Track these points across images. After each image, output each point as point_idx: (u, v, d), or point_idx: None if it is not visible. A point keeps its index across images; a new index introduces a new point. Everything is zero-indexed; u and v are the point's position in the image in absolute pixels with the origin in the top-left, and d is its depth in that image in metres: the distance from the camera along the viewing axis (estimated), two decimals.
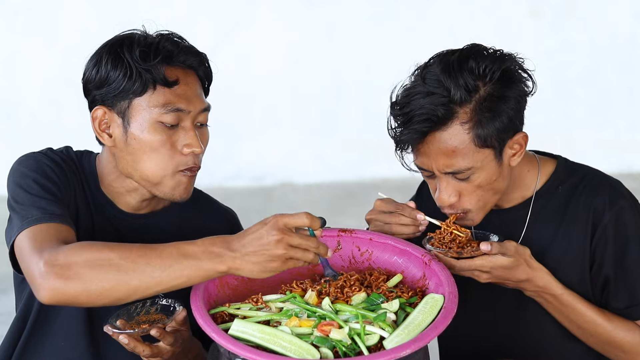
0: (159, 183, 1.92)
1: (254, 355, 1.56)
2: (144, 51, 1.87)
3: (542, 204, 2.04)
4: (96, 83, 1.91)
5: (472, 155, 1.89)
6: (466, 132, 1.87)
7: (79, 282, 1.65)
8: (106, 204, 2.00)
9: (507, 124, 1.89)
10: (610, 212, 1.97)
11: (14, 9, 5.76)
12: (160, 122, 1.88)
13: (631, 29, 6.17)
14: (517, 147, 1.94)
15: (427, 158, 1.92)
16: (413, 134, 1.89)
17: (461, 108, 1.87)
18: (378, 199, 2.04)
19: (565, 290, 1.98)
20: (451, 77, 1.86)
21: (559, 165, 2.07)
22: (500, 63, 1.89)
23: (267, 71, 6.04)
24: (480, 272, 1.91)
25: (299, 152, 6.02)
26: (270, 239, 1.62)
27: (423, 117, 1.87)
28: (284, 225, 1.63)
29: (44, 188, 1.86)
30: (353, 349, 1.63)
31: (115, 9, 5.68)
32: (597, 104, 6.22)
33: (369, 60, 6.09)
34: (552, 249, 2.03)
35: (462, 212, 1.96)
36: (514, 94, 1.89)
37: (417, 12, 6.02)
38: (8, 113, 5.89)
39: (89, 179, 2.00)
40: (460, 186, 1.93)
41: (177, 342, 1.83)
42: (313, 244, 1.65)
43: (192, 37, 2.01)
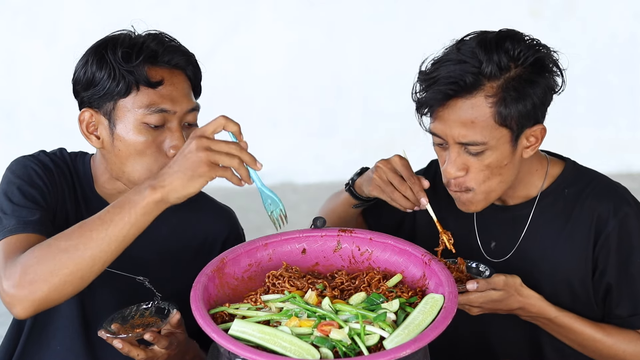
0: None
1: (254, 355, 1.56)
2: (127, 52, 1.87)
3: (547, 204, 2.04)
4: (83, 84, 1.91)
5: (489, 131, 1.88)
6: (489, 106, 1.87)
7: (40, 282, 1.67)
8: (100, 205, 1.99)
9: (530, 110, 1.89)
10: (614, 219, 1.96)
11: (14, 9, 5.75)
12: (145, 123, 1.87)
13: (631, 29, 6.16)
14: (532, 140, 1.94)
15: (445, 124, 1.91)
16: (437, 95, 1.89)
17: (489, 82, 1.87)
18: (397, 155, 2.04)
19: (560, 312, 1.97)
20: (486, 51, 1.87)
21: (566, 167, 2.07)
22: (536, 51, 1.90)
23: (267, 71, 6.04)
24: (470, 307, 1.91)
25: (299, 152, 6.01)
26: (190, 147, 1.64)
27: (450, 80, 1.87)
28: (201, 133, 1.65)
29: (27, 196, 1.86)
30: (353, 349, 1.63)
31: (115, 9, 5.68)
32: (597, 104, 6.21)
33: (369, 60, 6.08)
34: (553, 250, 2.02)
35: (465, 189, 1.94)
36: (543, 84, 1.89)
37: (417, 12, 6.01)
38: (8, 113, 5.89)
39: (83, 181, 2.00)
40: (470, 161, 1.92)
41: (172, 345, 1.83)
42: (234, 148, 1.65)
43: (192, 37, 2.01)
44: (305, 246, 1.97)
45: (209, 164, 1.63)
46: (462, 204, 1.99)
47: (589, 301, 2.02)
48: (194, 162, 1.63)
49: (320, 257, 1.96)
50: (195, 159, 1.63)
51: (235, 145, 1.67)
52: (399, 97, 6.08)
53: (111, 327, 1.79)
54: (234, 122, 1.69)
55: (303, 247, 1.96)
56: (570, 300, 2.02)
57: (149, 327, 1.81)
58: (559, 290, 2.02)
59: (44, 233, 1.81)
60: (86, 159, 2.03)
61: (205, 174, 1.63)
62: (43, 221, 1.84)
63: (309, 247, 1.97)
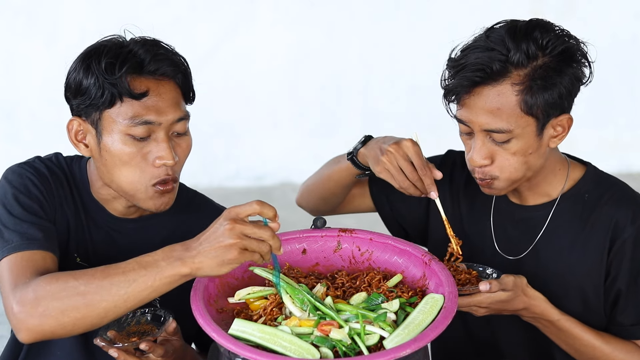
0: (133, 195, 1.90)
1: (254, 355, 1.56)
2: (111, 62, 1.83)
3: (566, 207, 2.03)
4: (72, 92, 1.89)
5: (515, 119, 1.88)
6: (515, 94, 1.87)
7: (50, 317, 1.66)
8: (97, 210, 1.99)
9: (557, 99, 1.88)
10: (632, 227, 1.96)
11: (14, 9, 5.75)
12: (130, 134, 1.85)
13: (632, 29, 6.16)
14: (559, 130, 1.94)
15: (470, 112, 1.91)
16: (463, 81, 1.89)
17: (516, 70, 1.87)
18: (410, 139, 2.01)
19: (563, 315, 1.97)
20: (515, 39, 1.87)
21: (587, 172, 2.06)
22: (564, 41, 1.90)
23: (267, 71, 6.04)
24: (478, 308, 1.91)
25: (299, 152, 6.01)
26: (223, 230, 1.62)
27: (477, 67, 1.87)
28: (235, 215, 1.63)
29: (27, 208, 1.85)
30: (353, 348, 1.63)
31: (115, 9, 5.67)
32: (597, 104, 6.21)
33: (369, 60, 6.08)
34: (567, 254, 2.01)
35: (490, 178, 1.94)
36: (570, 73, 1.89)
37: (417, 12, 6.01)
38: (8, 113, 5.88)
39: (80, 185, 1.99)
40: (495, 150, 1.92)
41: (168, 353, 1.82)
42: (267, 234, 1.64)
43: (192, 37, 2.00)
44: (306, 246, 1.97)
45: (240, 251, 1.62)
46: (485, 188, 1.99)
47: (598, 307, 2.01)
48: (226, 247, 1.62)
49: (320, 257, 1.96)
50: (226, 243, 1.62)
51: (267, 232, 1.64)
52: (399, 97, 6.10)
53: (107, 335, 1.79)
54: (269, 207, 1.66)
55: (303, 247, 1.96)
56: (581, 304, 2.01)
57: (145, 335, 1.80)
58: (570, 293, 2.02)
59: (49, 249, 1.80)
60: (82, 163, 2.02)
61: (235, 260, 1.63)
62: (47, 236, 1.83)
63: (309, 247, 1.97)
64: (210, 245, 1.63)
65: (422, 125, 6.04)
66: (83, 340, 1.96)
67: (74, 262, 1.96)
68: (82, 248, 1.97)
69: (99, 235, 1.99)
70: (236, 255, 1.62)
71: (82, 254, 1.97)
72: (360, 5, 6.01)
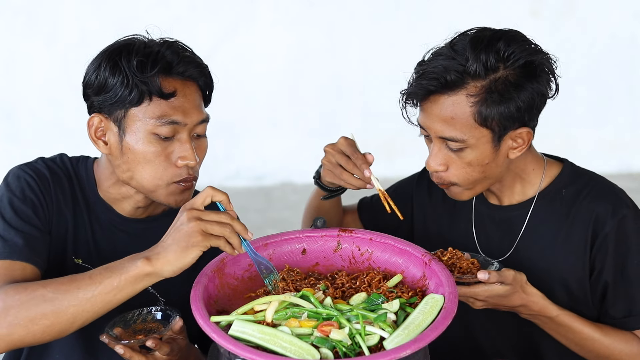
0: (153, 191, 1.92)
1: (254, 356, 1.56)
2: (142, 61, 1.85)
3: (544, 205, 2.04)
4: (95, 89, 1.89)
5: (468, 130, 1.88)
6: (469, 105, 1.87)
7: (19, 326, 1.67)
8: (104, 210, 2.00)
9: (514, 113, 1.88)
10: (612, 221, 1.96)
11: (14, 9, 5.75)
12: (155, 133, 1.86)
13: (631, 29, 6.16)
14: (519, 142, 1.93)
15: (427, 118, 1.93)
16: (419, 89, 1.91)
17: (473, 81, 1.87)
18: (343, 137, 2.07)
19: (561, 311, 1.97)
20: (475, 50, 1.86)
21: (564, 168, 2.07)
22: (529, 54, 1.88)
23: (267, 71, 6.04)
24: (474, 300, 1.91)
25: (299, 152, 6.01)
26: (181, 220, 1.67)
27: (433, 76, 1.88)
28: (190, 205, 1.68)
29: (19, 213, 1.86)
30: (353, 349, 1.63)
31: (115, 9, 5.68)
32: (597, 104, 6.22)
33: (369, 60, 6.08)
34: (550, 250, 2.03)
35: (448, 183, 1.97)
36: (530, 88, 1.87)
37: (417, 12, 6.01)
38: (8, 113, 5.89)
39: (86, 186, 2.00)
40: (451, 158, 1.93)
41: (174, 352, 1.83)
42: (224, 216, 1.68)
43: (192, 37, 2.00)
44: (306, 246, 1.97)
45: (202, 233, 1.65)
46: (449, 193, 2.01)
47: (586, 300, 2.03)
48: (187, 232, 1.65)
49: (320, 257, 1.96)
50: (187, 229, 1.65)
51: (225, 215, 1.69)
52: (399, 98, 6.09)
53: (113, 332, 1.79)
54: (221, 192, 1.72)
55: (303, 247, 1.97)
56: (567, 300, 2.02)
57: (151, 333, 1.81)
58: (555, 289, 2.02)
59: (31, 261, 1.81)
60: (89, 163, 2.03)
61: (199, 243, 1.65)
62: (32, 246, 1.83)
63: (309, 247, 1.97)
64: (171, 238, 1.67)
65: None
66: (83, 341, 1.97)
67: (73, 263, 1.96)
68: (83, 249, 1.97)
69: (103, 235, 1.99)
70: (199, 239, 1.65)
71: (83, 254, 1.97)
72: (360, 5, 6.01)
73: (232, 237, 1.69)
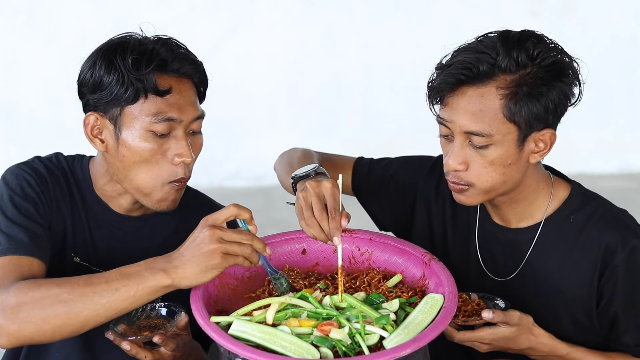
0: (148, 194, 1.92)
1: (254, 355, 1.56)
2: (137, 59, 1.85)
3: (551, 230, 2.00)
4: (90, 87, 1.89)
5: (496, 124, 1.84)
6: (499, 98, 1.84)
7: (31, 324, 1.67)
8: (100, 208, 2.00)
9: (541, 111, 1.85)
10: (622, 252, 1.93)
11: (14, 9, 5.75)
12: (151, 131, 1.86)
13: (631, 29, 6.16)
14: (541, 146, 1.90)
15: (452, 112, 1.87)
16: (448, 78, 1.86)
17: (503, 75, 1.84)
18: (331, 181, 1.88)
19: (571, 347, 1.95)
20: (505, 46, 1.85)
21: (572, 192, 2.03)
22: (557, 54, 1.87)
23: (267, 71, 6.04)
24: (480, 344, 1.89)
25: None
26: (203, 237, 1.66)
27: (463, 66, 1.85)
28: (213, 222, 1.67)
29: (20, 210, 1.86)
30: (353, 348, 1.63)
31: (115, 9, 5.68)
32: (597, 104, 6.21)
33: (369, 60, 6.08)
34: (556, 277, 1.99)
35: (465, 184, 1.91)
36: (559, 87, 1.86)
37: (417, 12, 6.01)
38: (8, 113, 5.89)
39: (82, 184, 2.00)
40: (472, 156, 1.88)
41: (179, 347, 1.83)
42: (246, 237, 1.68)
43: (192, 37, 1.99)
44: (305, 246, 1.97)
45: (222, 256, 1.65)
46: (457, 195, 1.95)
47: (592, 327, 2.00)
48: (207, 253, 1.65)
49: (320, 257, 1.97)
50: (208, 250, 1.65)
51: (246, 234, 1.69)
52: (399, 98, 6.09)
53: (118, 328, 1.79)
54: (245, 210, 1.71)
55: (303, 247, 1.97)
56: (573, 326, 2.00)
57: (156, 329, 1.81)
58: (560, 316, 2.00)
59: (37, 256, 1.80)
60: (84, 162, 2.03)
61: (218, 265, 1.66)
62: (37, 242, 1.83)
63: (309, 247, 1.97)
64: (191, 254, 1.65)
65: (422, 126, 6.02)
66: (82, 339, 1.97)
67: (72, 261, 1.96)
68: (81, 247, 1.98)
69: (100, 233, 1.99)
70: (219, 260, 1.65)
71: (81, 253, 1.97)
72: (360, 5, 6.01)
73: (252, 256, 1.69)
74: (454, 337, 1.86)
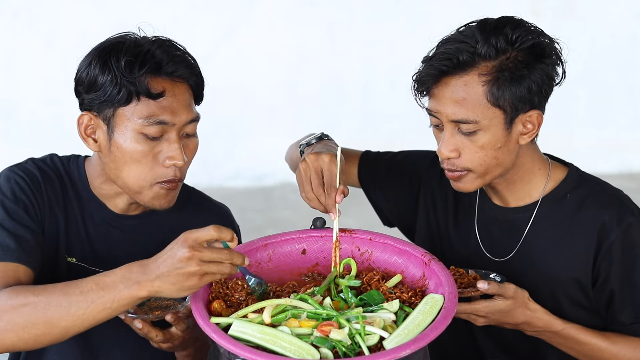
0: (138, 192, 1.91)
1: (254, 356, 1.56)
2: (131, 61, 1.84)
3: (548, 209, 2.03)
4: (85, 86, 1.89)
5: (481, 110, 1.88)
6: (481, 85, 1.88)
7: (11, 332, 1.66)
8: (97, 207, 2.00)
9: (525, 94, 1.89)
10: (618, 229, 1.95)
11: (14, 9, 5.75)
12: (143, 133, 1.86)
13: (631, 29, 6.16)
14: (529, 127, 1.94)
15: (438, 102, 1.92)
16: (430, 70, 1.91)
17: (484, 62, 1.89)
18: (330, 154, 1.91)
19: (566, 324, 1.96)
20: (484, 33, 1.89)
21: (570, 173, 2.05)
22: (536, 36, 1.91)
23: (267, 71, 6.04)
24: (476, 316, 1.90)
25: None
26: (181, 256, 1.61)
27: (444, 57, 1.89)
28: (193, 242, 1.62)
29: (11, 214, 1.85)
30: (353, 349, 1.63)
31: (115, 9, 5.68)
32: (597, 104, 6.22)
33: (369, 60, 6.08)
34: (552, 255, 2.01)
35: (462, 170, 1.94)
36: (540, 69, 1.90)
37: (417, 12, 6.01)
38: (8, 113, 5.89)
39: (78, 184, 2.00)
40: (463, 143, 1.92)
41: (189, 329, 1.85)
42: (225, 256, 1.63)
43: (192, 37, 1.99)
44: (305, 246, 1.97)
45: (200, 277, 1.62)
46: (456, 182, 1.98)
47: (588, 306, 2.02)
48: (185, 274, 1.61)
49: (320, 257, 1.96)
50: (186, 271, 1.61)
51: (225, 253, 1.64)
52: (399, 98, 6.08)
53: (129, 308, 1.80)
54: (226, 231, 1.66)
55: (303, 248, 1.96)
56: (569, 304, 2.02)
57: (168, 309, 1.83)
58: (557, 294, 2.01)
59: (23, 262, 1.80)
60: (80, 162, 2.02)
61: (194, 287, 1.63)
62: (24, 247, 1.82)
63: (309, 247, 1.97)
64: (168, 270, 1.62)
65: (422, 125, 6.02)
66: (81, 339, 1.97)
67: (65, 262, 1.96)
68: (77, 247, 1.97)
69: (97, 233, 1.99)
70: (196, 282, 1.62)
71: (77, 253, 1.97)
72: (360, 5, 6.01)
73: (230, 272, 1.66)
74: None
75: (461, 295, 1.85)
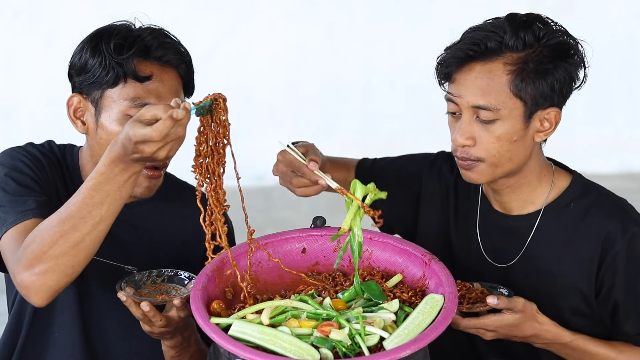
0: None
1: (254, 356, 1.56)
2: (120, 43, 1.89)
3: (552, 217, 2.02)
4: (77, 69, 1.94)
5: (503, 98, 1.89)
6: (506, 74, 1.89)
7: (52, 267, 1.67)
8: None
9: (547, 90, 1.90)
10: (622, 240, 1.94)
11: (14, 9, 5.75)
12: (128, 115, 1.88)
13: (631, 28, 6.16)
14: (546, 126, 1.94)
15: (460, 87, 1.92)
16: (457, 53, 1.92)
17: (510, 52, 1.90)
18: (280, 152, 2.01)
19: (574, 335, 1.96)
20: (513, 26, 1.91)
21: (573, 181, 2.04)
22: (562, 35, 1.93)
23: (267, 71, 6.04)
24: (485, 331, 1.89)
25: None
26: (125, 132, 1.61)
27: (472, 42, 1.91)
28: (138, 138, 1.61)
29: (21, 183, 1.87)
30: (353, 349, 1.63)
31: (116, 9, 5.65)
32: (596, 103, 6.21)
33: (369, 60, 6.08)
34: (556, 264, 2.00)
35: (475, 159, 1.93)
36: (564, 67, 1.92)
37: (417, 12, 6.01)
38: (8, 113, 5.89)
39: (72, 172, 2.03)
40: (480, 131, 1.91)
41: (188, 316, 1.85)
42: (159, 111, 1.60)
43: (192, 37, 2.00)
44: (305, 245, 1.97)
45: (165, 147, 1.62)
46: (466, 172, 1.97)
47: (591, 315, 2.01)
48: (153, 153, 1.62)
49: (320, 256, 1.96)
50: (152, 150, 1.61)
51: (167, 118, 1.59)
52: (399, 98, 6.10)
53: (128, 290, 1.80)
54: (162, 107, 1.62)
55: (303, 247, 1.97)
56: (570, 313, 2.01)
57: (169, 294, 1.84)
58: (559, 303, 2.00)
59: (40, 216, 1.81)
60: (74, 151, 2.06)
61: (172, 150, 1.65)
62: (42, 205, 1.84)
63: (309, 246, 1.97)
64: None
65: (422, 125, 6.03)
66: (80, 322, 1.98)
67: None
68: None
69: None
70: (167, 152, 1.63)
71: None
72: (360, 5, 6.01)
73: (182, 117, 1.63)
74: (459, 325, 1.86)
75: (469, 311, 1.84)
